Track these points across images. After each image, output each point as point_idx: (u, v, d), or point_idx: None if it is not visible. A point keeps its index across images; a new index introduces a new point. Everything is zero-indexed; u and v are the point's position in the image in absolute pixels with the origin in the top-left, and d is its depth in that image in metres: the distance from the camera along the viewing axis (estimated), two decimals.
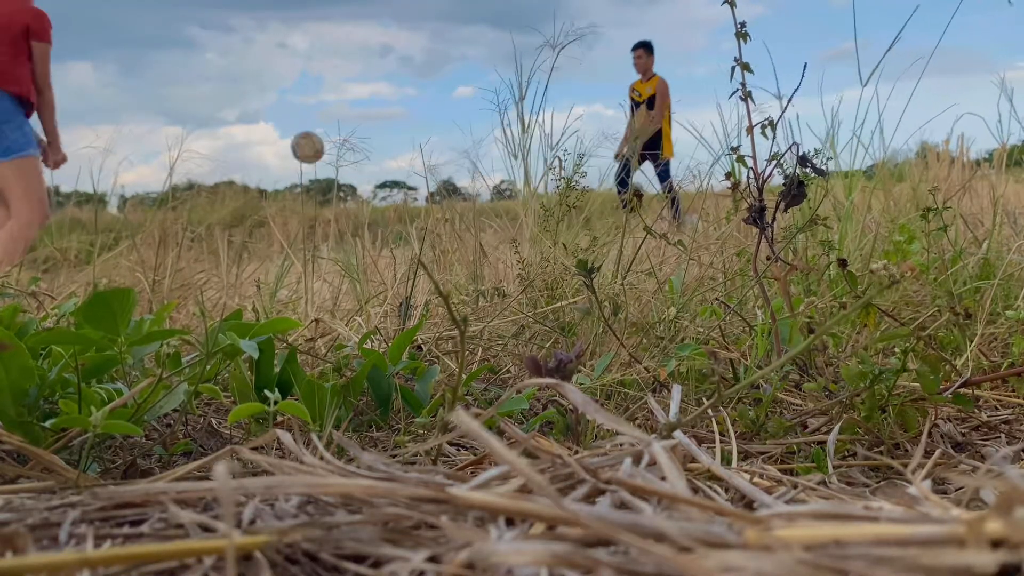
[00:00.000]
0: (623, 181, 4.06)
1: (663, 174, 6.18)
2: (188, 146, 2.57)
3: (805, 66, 1.52)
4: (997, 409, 1.24)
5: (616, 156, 4.89)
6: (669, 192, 4.23)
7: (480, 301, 2.12)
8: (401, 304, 1.99)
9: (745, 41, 1.44)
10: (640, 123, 6.77)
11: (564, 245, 2.12)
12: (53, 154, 4.40)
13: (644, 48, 7.41)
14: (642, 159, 5.56)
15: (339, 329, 1.78)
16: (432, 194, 3.35)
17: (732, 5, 1.46)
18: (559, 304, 1.84)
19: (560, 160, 2.46)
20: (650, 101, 7.14)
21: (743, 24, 1.44)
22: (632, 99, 7.33)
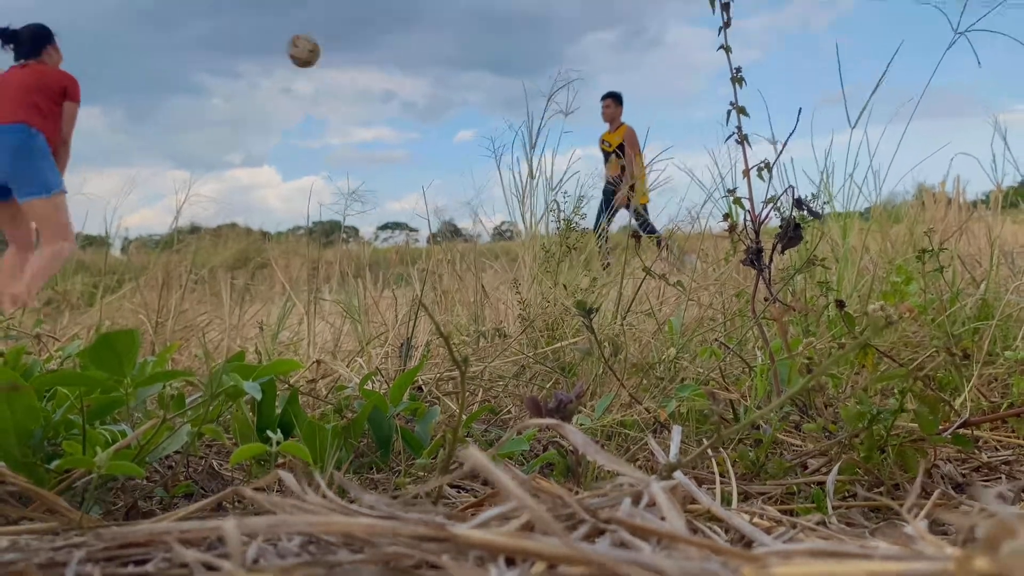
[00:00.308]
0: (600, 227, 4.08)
1: (643, 224, 6.21)
2: (194, 190, 2.60)
3: (800, 110, 1.55)
4: (997, 450, 1.24)
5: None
6: (653, 233, 4.25)
7: (481, 342, 2.12)
8: (402, 345, 2.00)
9: (741, 86, 1.47)
10: (612, 171, 6.89)
11: (564, 286, 2.13)
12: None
13: (613, 98, 7.49)
14: (618, 205, 5.61)
15: (340, 370, 1.79)
16: (434, 235, 3.38)
17: (727, 51, 1.49)
18: (559, 344, 1.85)
19: (559, 203, 2.49)
20: (620, 149, 7.24)
21: (738, 69, 1.47)
22: (602, 149, 7.42)
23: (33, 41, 4.90)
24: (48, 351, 1.63)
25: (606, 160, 7.19)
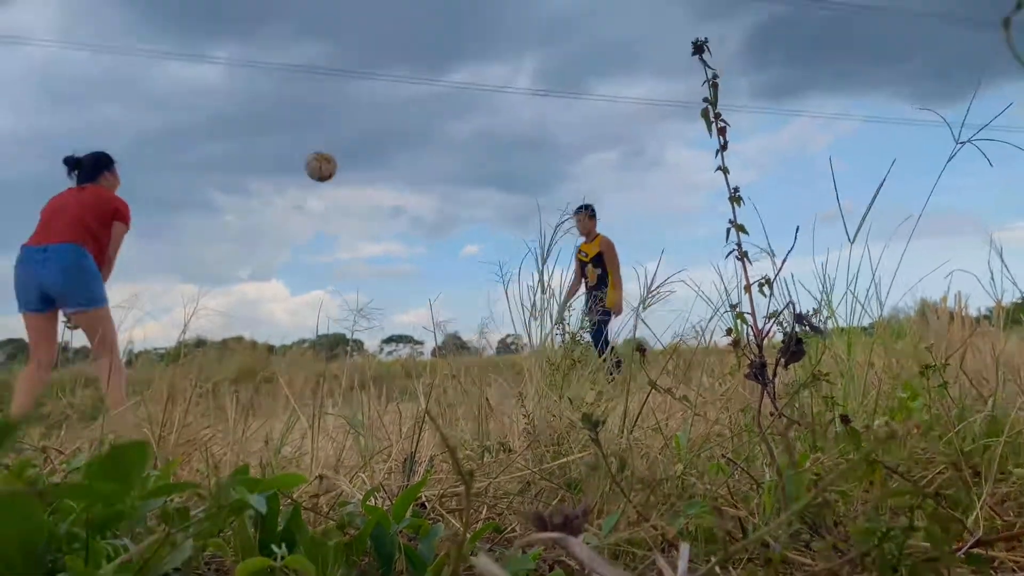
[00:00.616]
0: (599, 342, 4.06)
1: (601, 324, 6.13)
2: (202, 303, 2.64)
3: (797, 228, 1.60)
4: (1014, 571, 1.21)
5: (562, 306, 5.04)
6: (606, 344, 4.20)
7: (485, 457, 2.10)
8: (405, 460, 1.98)
9: (739, 205, 1.52)
10: (592, 280, 7.03)
11: (570, 399, 2.13)
12: None
13: (586, 211, 7.70)
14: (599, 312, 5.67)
15: (343, 486, 1.76)
16: (439, 348, 3.39)
17: (725, 172, 1.55)
18: (565, 459, 1.83)
19: (565, 317, 2.52)
20: (595, 259, 7.40)
21: (736, 189, 1.53)
22: (579, 259, 7.57)
23: (94, 167, 5.38)
24: (52, 464, 1.62)
25: (582, 269, 7.33)
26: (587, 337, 2.66)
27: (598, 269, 7.28)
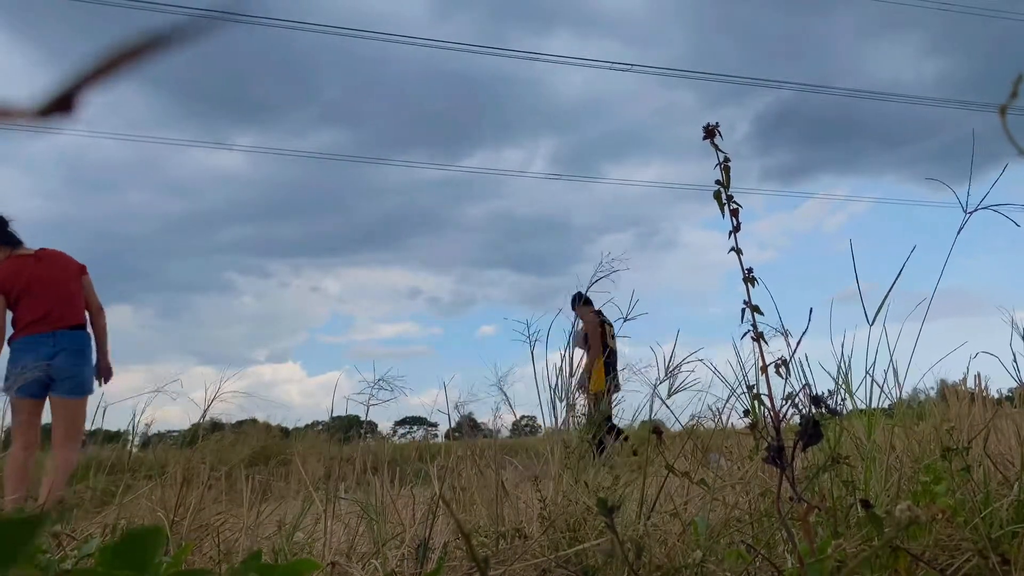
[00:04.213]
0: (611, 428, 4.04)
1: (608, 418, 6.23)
2: (221, 387, 2.65)
3: (811, 311, 1.61)
4: None
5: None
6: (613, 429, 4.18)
7: (500, 543, 2.06)
8: (419, 547, 1.95)
9: (753, 285, 1.54)
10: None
11: (586, 483, 2.10)
12: (104, 371, 5.08)
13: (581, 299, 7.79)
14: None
15: (356, 573, 1.73)
16: (453, 430, 3.37)
17: (739, 253, 1.57)
18: (582, 546, 1.80)
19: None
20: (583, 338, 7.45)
21: (750, 270, 1.54)
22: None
23: (5, 226, 4.97)
24: (64, 550, 1.61)
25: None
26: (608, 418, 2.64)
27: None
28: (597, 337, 7.57)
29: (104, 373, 5.07)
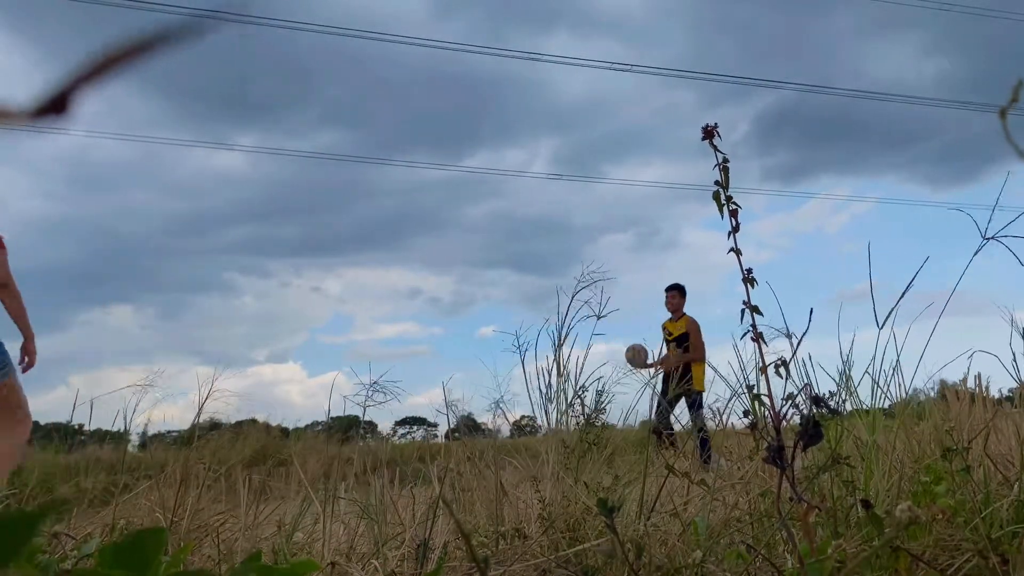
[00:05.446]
0: (663, 418, 4.22)
1: (695, 404, 6.52)
2: (217, 386, 2.65)
3: (811, 311, 1.61)
4: None
5: (657, 366, 5.50)
6: (699, 429, 4.30)
7: (500, 543, 2.06)
8: (419, 547, 1.95)
9: (753, 286, 1.53)
10: (673, 359, 7.10)
11: (586, 484, 2.10)
12: (27, 353, 4.52)
13: (677, 290, 7.87)
14: (678, 395, 5.84)
15: (355, 573, 1.73)
16: (453, 430, 3.37)
17: (738, 254, 1.57)
18: (581, 546, 1.79)
19: (582, 398, 2.50)
20: (680, 339, 7.46)
21: (750, 270, 1.54)
22: (664, 338, 7.69)
23: None
24: (63, 550, 1.60)
25: (666, 347, 7.55)
26: (603, 418, 2.64)
27: (679, 349, 7.37)
28: (700, 335, 7.59)
29: (28, 361, 4.57)
